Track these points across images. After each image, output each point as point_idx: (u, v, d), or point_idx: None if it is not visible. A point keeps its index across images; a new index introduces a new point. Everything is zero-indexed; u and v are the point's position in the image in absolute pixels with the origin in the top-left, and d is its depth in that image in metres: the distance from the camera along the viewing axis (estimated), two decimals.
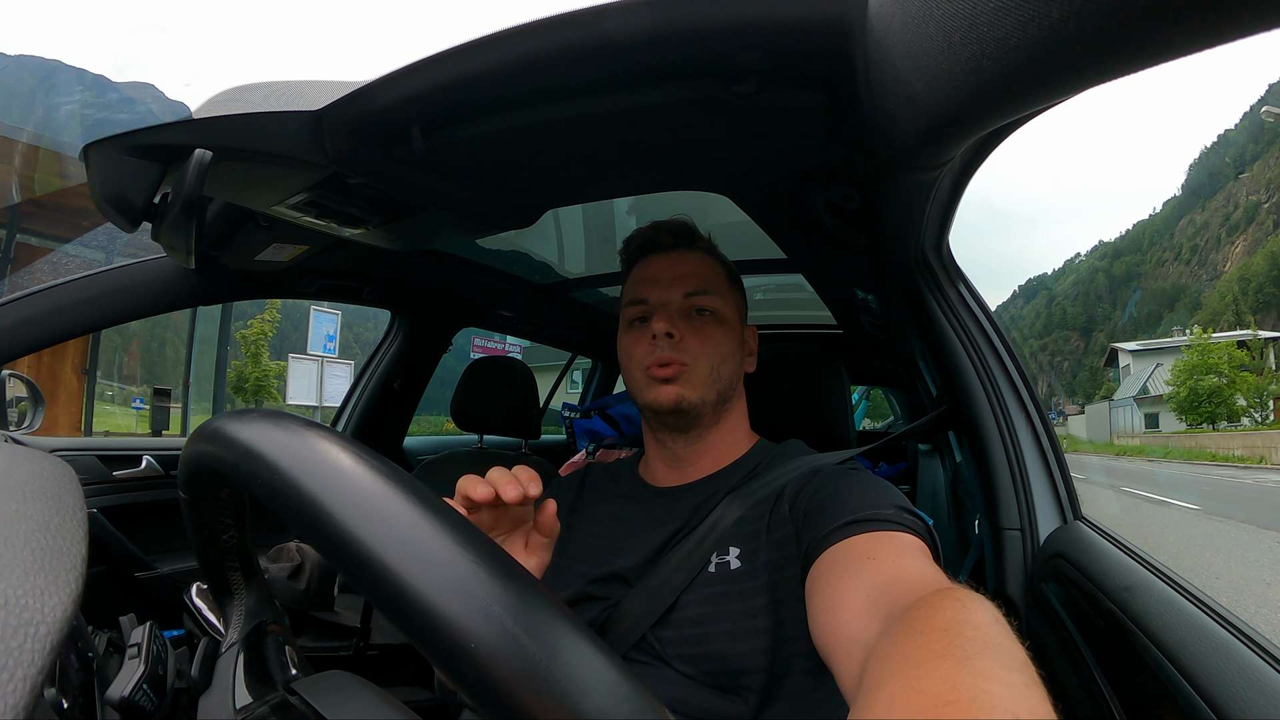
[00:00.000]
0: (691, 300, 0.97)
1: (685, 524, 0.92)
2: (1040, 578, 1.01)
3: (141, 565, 1.65)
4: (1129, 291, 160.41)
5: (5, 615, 0.28)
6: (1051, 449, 1.16)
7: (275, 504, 0.36)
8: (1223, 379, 39.49)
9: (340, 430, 2.22)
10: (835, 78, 0.68)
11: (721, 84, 0.70)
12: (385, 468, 0.36)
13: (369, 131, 0.86)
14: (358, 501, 0.33)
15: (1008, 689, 0.36)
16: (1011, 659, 0.40)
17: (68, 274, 1.34)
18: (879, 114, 0.64)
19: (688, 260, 1.00)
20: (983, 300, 1.30)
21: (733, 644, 0.81)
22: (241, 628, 0.61)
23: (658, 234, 1.02)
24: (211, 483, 0.50)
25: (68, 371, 8.03)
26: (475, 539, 0.32)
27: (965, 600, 0.48)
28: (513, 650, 0.28)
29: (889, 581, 0.61)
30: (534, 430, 1.99)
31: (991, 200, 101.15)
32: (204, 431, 0.43)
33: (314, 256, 1.43)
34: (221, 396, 12.12)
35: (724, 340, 0.98)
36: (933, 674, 0.39)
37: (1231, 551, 8.61)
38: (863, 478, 0.86)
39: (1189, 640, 0.64)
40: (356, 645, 1.71)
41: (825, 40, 0.62)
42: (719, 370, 0.96)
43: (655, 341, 0.94)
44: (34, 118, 24.57)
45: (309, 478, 0.35)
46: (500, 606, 0.29)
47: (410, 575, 0.30)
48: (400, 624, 0.30)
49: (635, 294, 1.00)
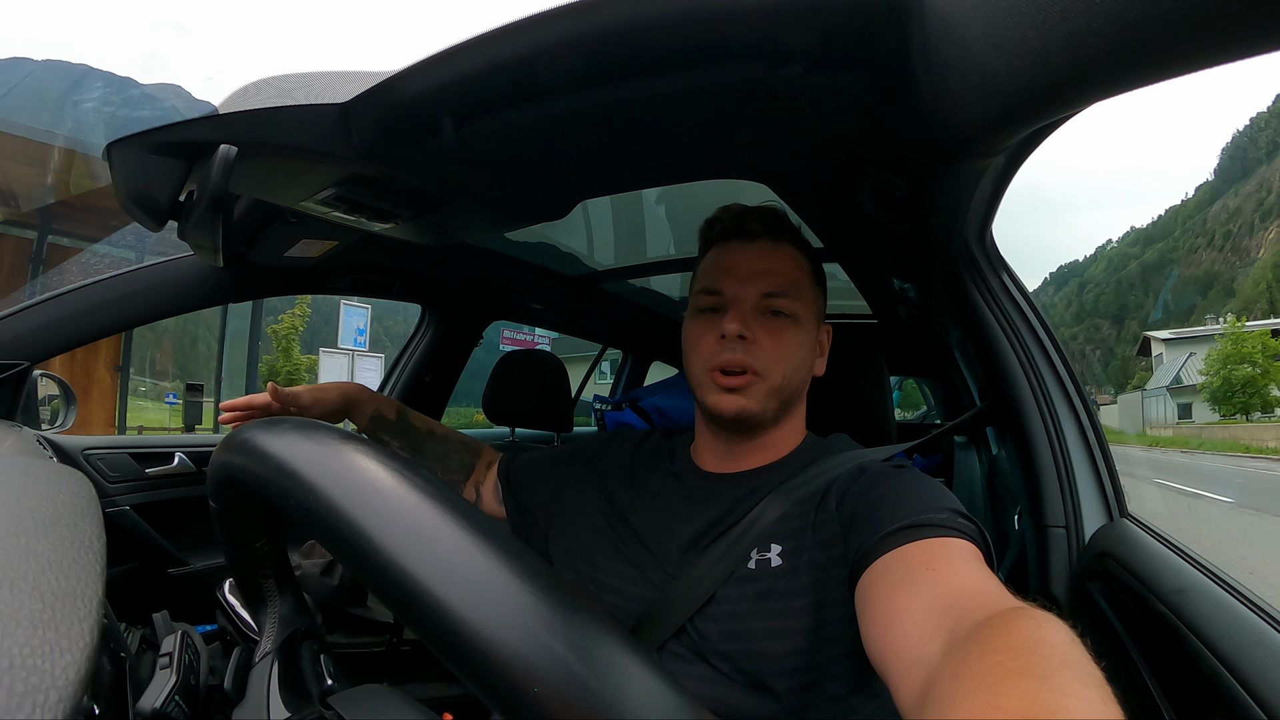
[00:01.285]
0: (770, 301, 0.92)
1: (727, 513, 0.90)
2: (1086, 577, 0.98)
3: (175, 561, 1.66)
4: (1161, 279, 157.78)
5: (11, 681, 0.25)
6: (1098, 444, 1.13)
7: (312, 528, 0.33)
8: (1257, 369, 38.82)
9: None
10: (889, 59, 0.65)
11: (766, 66, 0.67)
12: (429, 485, 0.33)
13: (398, 123, 0.84)
14: (402, 526, 0.30)
15: (1087, 704, 0.36)
16: (1089, 676, 0.39)
17: (97, 273, 1.35)
18: (939, 96, 0.61)
19: (772, 255, 0.95)
20: (1026, 290, 1.27)
21: (770, 642, 0.79)
22: (276, 636, 0.60)
23: (746, 220, 0.96)
24: (241, 494, 0.48)
25: (101, 369, 8.20)
26: (534, 567, 0.30)
27: (1040, 619, 0.47)
28: (580, 694, 0.26)
29: (952, 596, 0.59)
30: (566, 424, 1.98)
31: (1022, 185, 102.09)
32: (234, 441, 0.41)
33: (344, 252, 1.43)
34: (253, 391, 12.30)
35: (800, 346, 0.94)
36: (1010, 690, 0.38)
37: (1266, 546, 8.53)
38: (912, 477, 0.83)
39: (1247, 647, 0.62)
40: (389, 641, 1.71)
41: (879, 19, 0.59)
42: (790, 380, 0.93)
43: (725, 341, 0.90)
44: (64, 124, 25.14)
45: (348, 500, 0.32)
46: (565, 645, 0.27)
47: (464, 611, 0.28)
48: (455, 666, 0.28)
49: (710, 282, 0.95)
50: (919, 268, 1.34)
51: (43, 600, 0.30)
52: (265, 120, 0.84)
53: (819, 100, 0.74)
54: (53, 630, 0.29)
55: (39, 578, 0.32)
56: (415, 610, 0.28)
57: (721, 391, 0.91)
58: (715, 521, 0.90)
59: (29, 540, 0.35)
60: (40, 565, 0.33)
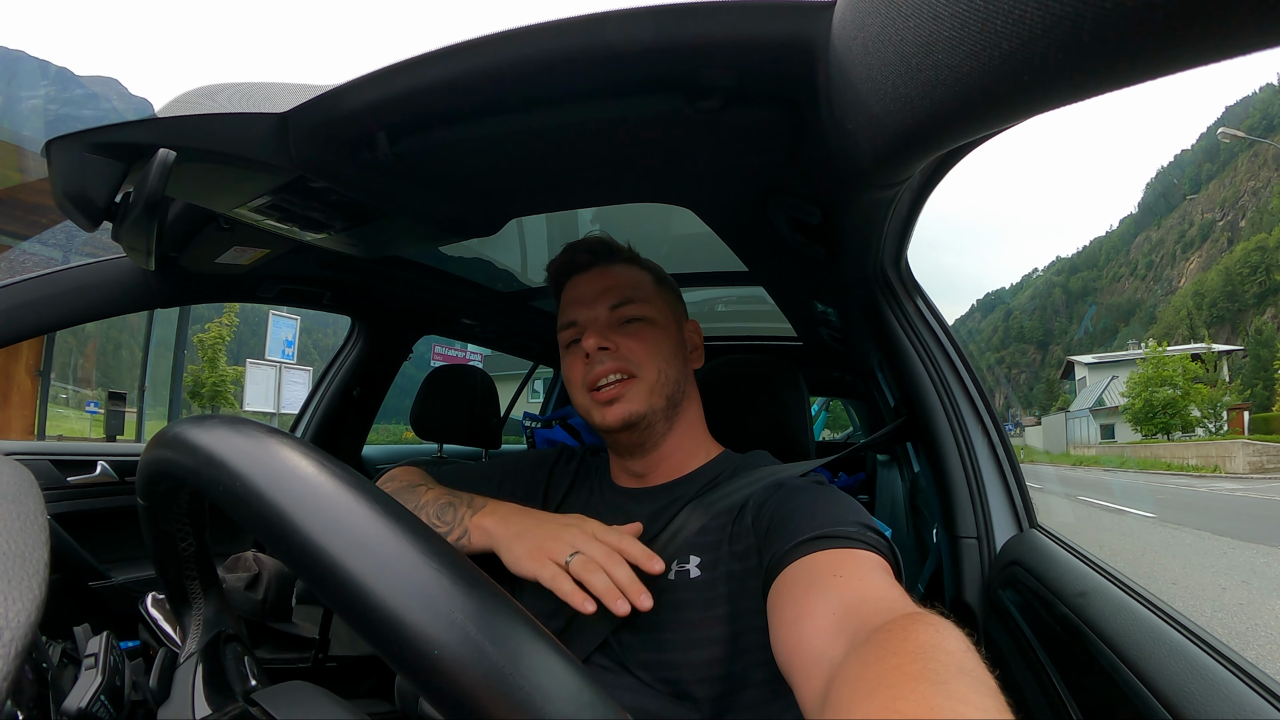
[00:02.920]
0: (619, 311, 0.98)
1: (647, 526, 0.92)
2: (997, 585, 1.02)
3: (95, 574, 1.61)
4: (1085, 306, 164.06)
5: None
6: (1007, 459, 1.19)
7: (237, 511, 0.35)
8: (1177, 391, 40.36)
9: (300, 436, 2.19)
10: (798, 96, 0.70)
11: (687, 99, 0.71)
12: (347, 475, 0.36)
13: (334, 136, 0.86)
14: (320, 509, 0.33)
15: (980, 712, 0.38)
16: (984, 685, 0.41)
17: (23, 272, 1.31)
18: (839, 133, 0.65)
19: (609, 275, 1.01)
20: (940, 314, 1.33)
21: (689, 653, 0.81)
22: (200, 638, 0.60)
23: (574, 254, 1.03)
24: (171, 489, 0.49)
25: (21, 373, 7.82)
26: (438, 547, 0.33)
27: (937, 626, 0.50)
28: (476, 657, 0.29)
29: (855, 601, 0.62)
30: (495, 440, 1.97)
31: (950, 216, 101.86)
32: (164, 437, 0.43)
33: (275, 260, 1.41)
34: (177, 401, 11.86)
35: (663, 342, 0.98)
36: (908, 695, 0.40)
37: (1187, 558, 8.82)
38: (826, 492, 0.87)
39: (1144, 643, 0.66)
40: (315, 657, 1.68)
41: (789, 60, 0.63)
42: (665, 372, 0.97)
43: (589, 360, 0.95)
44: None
45: (271, 485, 0.34)
46: (463, 613, 0.30)
47: (374, 583, 0.30)
48: (364, 632, 0.30)
49: (565, 317, 1.01)
50: (838, 292, 1.40)
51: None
52: (204, 126, 0.84)
53: (736, 131, 0.78)
54: (5, 583, 0.32)
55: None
56: (330, 583, 0.31)
57: (603, 406, 0.94)
58: None
59: None
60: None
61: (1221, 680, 0.57)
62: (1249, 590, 7.19)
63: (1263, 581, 7.58)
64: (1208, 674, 0.58)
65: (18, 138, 7.63)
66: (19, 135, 7.85)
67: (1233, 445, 28.87)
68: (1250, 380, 59.51)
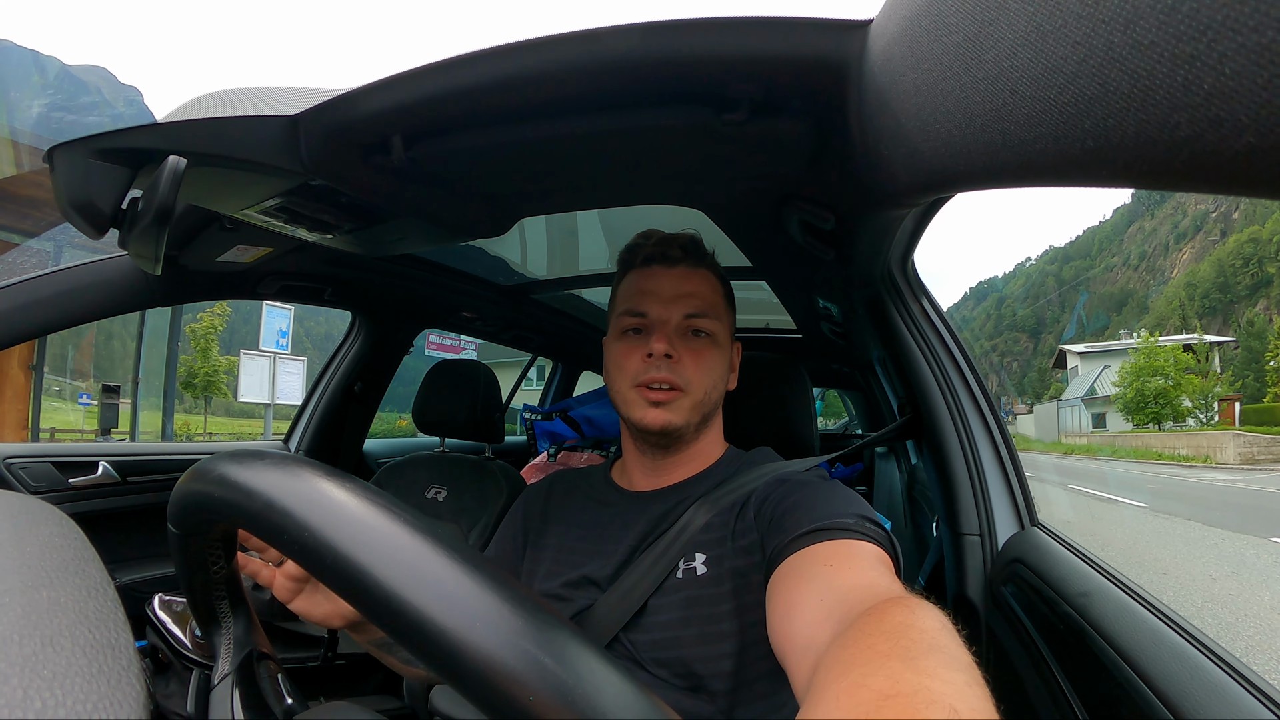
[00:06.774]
0: (691, 321, 0.97)
1: (655, 528, 0.94)
2: (999, 581, 1.04)
3: None
4: (1077, 295, 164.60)
5: None
6: (1009, 457, 1.20)
7: (308, 563, 0.34)
8: (1169, 381, 40.51)
9: (300, 433, 2.19)
10: (825, 113, 0.69)
11: (712, 112, 0.71)
12: (416, 520, 0.35)
13: (347, 140, 0.85)
14: (401, 563, 0.32)
15: (949, 686, 0.38)
16: (954, 660, 0.42)
17: (21, 272, 1.30)
18: (869, 155, 0.64)
19: (692, 279, 0.99)
20: (944, 313, 1.33)
21: (701, 648, 0.82)
22: (233, 658, 0.59)
23: (667, 247, 1.00)
24: (209, 521, 0.48)
25: (14, 368, 7.78)
26: (516, 591, 0.33)
27: (913, 606, 0.51)
28: (568, 701, 0.29)
29: (845, 589, 0.63)
30: (498, 435, 1.97)
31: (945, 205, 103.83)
32: (210, 474, 0.41)
33: (276, 258, 1.41)
34: (171, 393, 11.80)
35: (719, 363, 0.99)
36: (877, 672, 0.41)
37: (1178, 548, 8.88)
38: (827, 486, 0.88)
39: (1146, 645, 0.67)
40: (324, 655, 1.68)
41: (820, 77, 0.63)
42: (710, 394, 0.98)
43: (651, 360, 0.94)
44: None
45: (345, 538, 0.33)
46: (552, 658, 0.30)
47: (466, 634, 0.30)
48: (456, 682, 0.30)
49: (634, 304, 0.99)
50: (843, 290, 1.40)
51: (85, 655, 0.30)
52: (214, 130, 0.84)
53: (758, 142, 0.78)
54: (106, 684, 0.29)
55: (74, 631, 0.31)
56: (419, 637, 0.30)
57: (649, 406, 0.95)
58: (645, 534, 0.94)
59: (49, 593, 0.34)
60: (71, 620, 0.32)
61: (1219, 683, 0.59)
62: (1239, 581, 7.27)
63: (1252, 573, 7.66)
64: (1206, 676, 0.60)
65: (13, 131, 7.54)
66: (14, 129, 7.76)
67: (1224, 436, 29.15)
68: (1242, 371, 59.88)
